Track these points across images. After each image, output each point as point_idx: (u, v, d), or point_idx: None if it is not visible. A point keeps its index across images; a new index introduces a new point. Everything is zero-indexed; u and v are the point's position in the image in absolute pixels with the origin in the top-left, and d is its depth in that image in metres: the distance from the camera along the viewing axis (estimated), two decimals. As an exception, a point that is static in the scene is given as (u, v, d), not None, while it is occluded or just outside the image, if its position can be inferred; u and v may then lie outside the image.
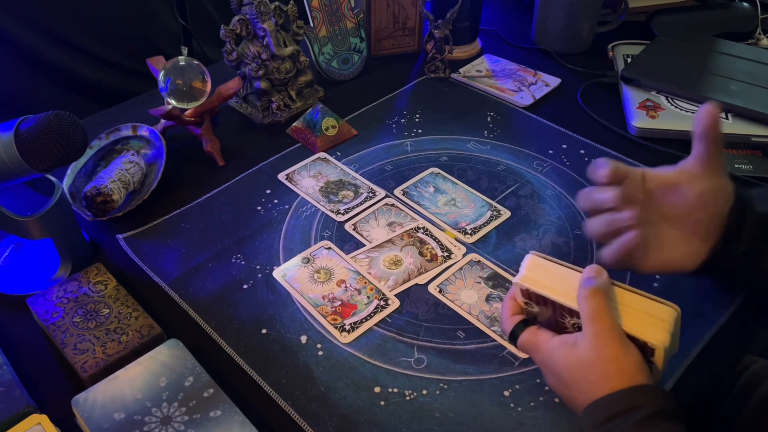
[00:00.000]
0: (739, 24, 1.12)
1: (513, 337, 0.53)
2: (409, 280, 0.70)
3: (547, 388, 0.58)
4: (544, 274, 0.52)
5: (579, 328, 0.50)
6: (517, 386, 0.59)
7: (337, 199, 0.80)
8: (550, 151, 0.88)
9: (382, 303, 0.67)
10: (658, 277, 0.69)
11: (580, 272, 0.50)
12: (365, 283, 0.69)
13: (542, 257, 0.53)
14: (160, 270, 0.71)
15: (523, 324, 0.53)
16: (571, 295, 0.49)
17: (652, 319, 0.47)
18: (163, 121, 0.89)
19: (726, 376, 0.63)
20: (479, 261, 0.72)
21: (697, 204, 0.54)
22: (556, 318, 0.52)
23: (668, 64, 0.99)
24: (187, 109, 0.87)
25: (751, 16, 1.13)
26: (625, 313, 0.48)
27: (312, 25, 0.98)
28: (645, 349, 0.47)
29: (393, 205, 0.79)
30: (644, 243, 0.54)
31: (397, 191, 0.81)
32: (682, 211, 0.55)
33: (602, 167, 0.55)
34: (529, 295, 0.53)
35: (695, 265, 0.56)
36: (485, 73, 1.04)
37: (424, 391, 0.59)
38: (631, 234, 0.54)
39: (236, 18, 0.89)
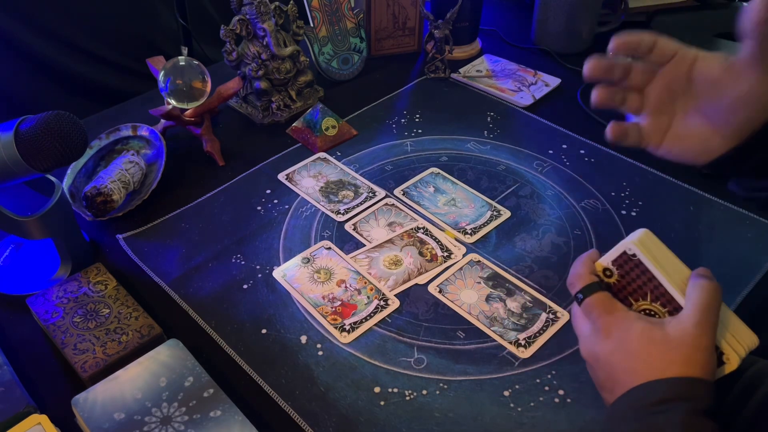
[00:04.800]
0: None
1: (583, 293, 0.51)
2: (409, 280, 0.70)
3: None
4: (653, 250, 0.51)
5: (646, 315, 0.50)
6: (516, 386, 0.59)
7: (337, 199, 0.80)
8: (550, 151, 0.88)
9: (382, 303, 0.67)
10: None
11: (684, 265, 0.51)
12: (365, 283, 0.69)
13: (654, 236, 0.52)
14: (160, 270, 0.71)
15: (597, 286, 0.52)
16: (674, 279, 0.49)
17: (735, 338, 0.49)
18: (163, 121, 0.89)
19: (726, 376, 0.63)
20: (479, 261, 0.72)
21: (733, 106, 0.52)
22: (627, 296, 0.52)
23: (668, 64, 0.98)
24: (187, 109, 0.87)
25: (751, 16, 1.13)
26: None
27: (312, 25, 0.98)
28: (717, 360, 0.49)
29: (393, 205, 0.79)
30: (661, 128, 0.55)
31: (397, 191, 0.81)
32: (716, 110, 0.53)
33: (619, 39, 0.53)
34: (624, 262, 0.51)
35: (707, 161, 0.55)
36: (485, 73, 1.04)
37: (424, 391, 0.59)
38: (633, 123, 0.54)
39: (236, 18, 0.89)
